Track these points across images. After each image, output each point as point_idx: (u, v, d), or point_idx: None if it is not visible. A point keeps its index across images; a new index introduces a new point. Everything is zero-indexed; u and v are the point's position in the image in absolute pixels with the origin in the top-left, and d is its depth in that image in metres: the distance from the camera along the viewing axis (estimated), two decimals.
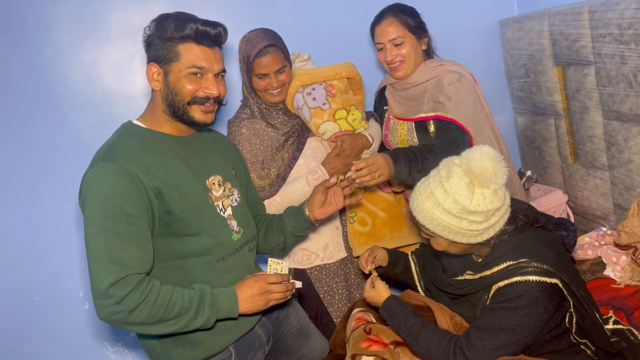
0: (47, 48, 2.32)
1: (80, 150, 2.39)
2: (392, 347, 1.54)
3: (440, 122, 1.98)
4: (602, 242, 2.11)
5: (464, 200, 1.37)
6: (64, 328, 2.55)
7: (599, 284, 1.90)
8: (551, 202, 2.46)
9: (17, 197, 2.39)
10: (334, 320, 2.14)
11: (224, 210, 1.57)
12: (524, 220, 1.52)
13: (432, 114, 1.99)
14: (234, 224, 1.59)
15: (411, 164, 1.78)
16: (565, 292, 1.41)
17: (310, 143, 2.10)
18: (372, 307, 1.78)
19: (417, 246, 2.18)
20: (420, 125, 2.04)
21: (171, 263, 1.48)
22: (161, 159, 1.45)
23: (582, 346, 1.51)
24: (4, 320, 2.47)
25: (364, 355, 1.55)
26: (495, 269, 1.46)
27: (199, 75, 1.45)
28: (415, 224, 1.51)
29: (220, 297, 1.44)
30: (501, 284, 1.43)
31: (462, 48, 2.69)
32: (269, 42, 1.94)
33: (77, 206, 2.47)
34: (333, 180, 1.72)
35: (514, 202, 1.53)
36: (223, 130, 2.12)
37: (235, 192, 1.64)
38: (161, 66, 1.45)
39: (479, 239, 1.44)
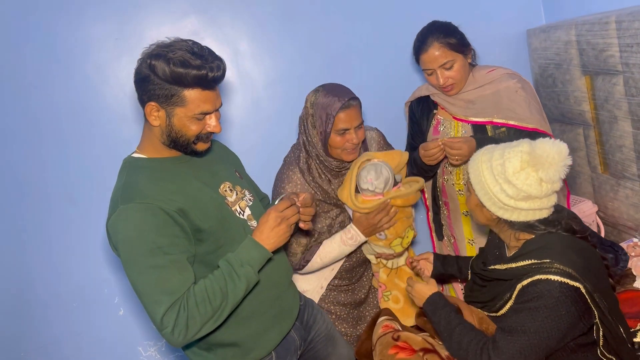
0: (85, 65, 2.43)
1: (117, 162, 2.45)
2: (420, 354, 1.55)
3: (516, 129, 2.03)
4: (633, 254, 2.08)
5: (509, 168, 1.42)
6: (99, 333, 2.65)
7: (629, 296, 1.86)
8: (581, 212, 2.44)
9: (57, 208, 2.50)
10: (335, 315, 2.13)
11: (242, 212, 1.60)
12: (564, 228, 1.51)
13: (502, 120, 2.02)
14: (254, 223, 1.62)
15: None
16: (589, 300, 1.40)
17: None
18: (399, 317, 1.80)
19: None
20: (479, 128, 2.08)
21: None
22: (174, 183, 1.46)
23: None
24: (44, 325, 2.58)
25: None
26: (521, 263, 1.47)
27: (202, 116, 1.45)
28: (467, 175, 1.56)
29: (244, 253, 1.45)
30: (525, 282, 1.43)
31: (490, 57, 2.65)
32: (352, 95, 1.84)
33: None
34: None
35: (562, 209, 1.55)
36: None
37: (247, 192, 1.67)
38: (162, 106, 1.40)
39: (500, 214, 1.47)
